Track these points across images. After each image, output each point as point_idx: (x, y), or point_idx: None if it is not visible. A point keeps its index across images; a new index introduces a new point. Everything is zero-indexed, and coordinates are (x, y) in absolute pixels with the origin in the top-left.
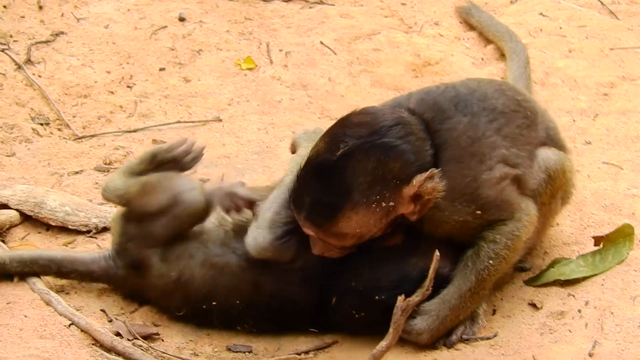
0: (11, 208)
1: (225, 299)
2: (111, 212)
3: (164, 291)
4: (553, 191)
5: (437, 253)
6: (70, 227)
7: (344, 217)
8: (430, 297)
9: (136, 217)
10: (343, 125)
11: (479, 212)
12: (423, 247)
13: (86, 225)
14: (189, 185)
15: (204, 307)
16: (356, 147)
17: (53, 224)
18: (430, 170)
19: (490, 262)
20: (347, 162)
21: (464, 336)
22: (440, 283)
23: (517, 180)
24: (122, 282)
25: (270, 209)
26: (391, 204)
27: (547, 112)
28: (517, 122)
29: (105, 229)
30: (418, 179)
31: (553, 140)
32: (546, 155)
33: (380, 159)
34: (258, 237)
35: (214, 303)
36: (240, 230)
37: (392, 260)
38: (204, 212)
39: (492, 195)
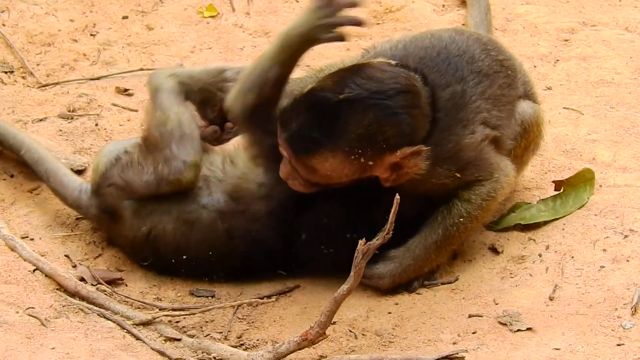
0: None
1: (196, 252)
2: (81, 160)
3: (133, 242)
4: (527, 144)
5: (397, 197)
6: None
7: (321, 156)
8: (396, 245)
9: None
10: (357, 73)
11: (458, 174)
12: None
13: None
14: (185, 155)
15: (173, 260)
16: (360, 98)
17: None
18: (418, 147)
19: (461, 219)
20: (345, 108)
21: (426, 282)
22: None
23: (496, 140)
24: (93, 219)
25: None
26: (370, 163)
27: (523, 67)
28: (499, 82)
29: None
30: (404, 151)
31: (528, 95)
32: (522, 108)
33: (378, 119)
34: (235, 98)
35: (184, 257)
36: (211, 186)
37: (366, 201)
38: (188, 187)
39: (472, 156)
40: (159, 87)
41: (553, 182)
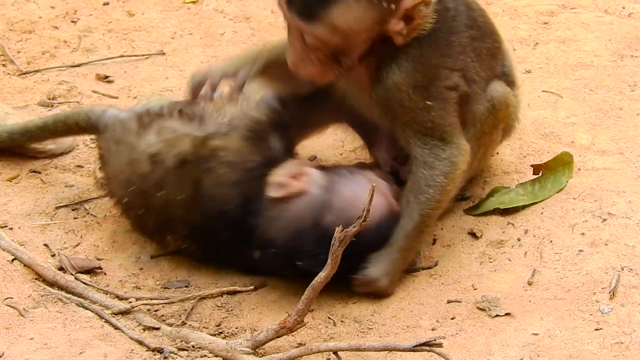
0: None
1: (165, 196)
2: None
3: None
4: (495, 122)
5: (372, 185)
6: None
7: (338, 7)
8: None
9: None
10: None
11: (428, 102)
12: None
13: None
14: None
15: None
16: None
17: (17, 150)
18: None
19: (431, 191)
20: None
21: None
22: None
23: (465, 98)
24: None
25: None
26: (391, 6)
27: (507, 50)
28: (487, 44)
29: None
30: None
31: (506, 75)
32: (493, 86)
33: None
34: None
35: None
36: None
37: (314, 229)
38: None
39: (441, 97)
40: None
41: (532, 166)
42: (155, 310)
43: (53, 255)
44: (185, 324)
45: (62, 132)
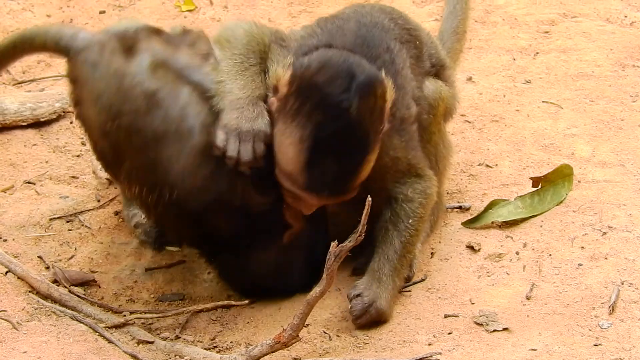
0: None
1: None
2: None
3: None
4: (436, 120)
5: (369, 198)
6: (41, 119)
7: (365, 166)
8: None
9: None
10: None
11: (405, 144)
12: None
13: (54, 112)
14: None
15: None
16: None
17: (24, 124)
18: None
19: (410, 221)
20: (355, 117)
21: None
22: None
23: (419, 118)
24: None
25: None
26: (381, 127)
27: (431, 35)
28: (410, 52)
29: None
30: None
31: (435, 64)
32: (424, 87)
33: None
34: None
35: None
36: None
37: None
38: None
39: (412, 131)
40: None
41: (531, 178)
42: (150, 324)
43: (47, 268)
44: (180, 337)
45: (28, 51)
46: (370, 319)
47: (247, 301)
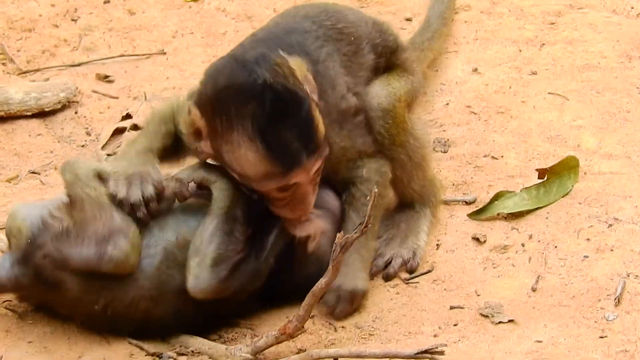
0: None
1: (162, 321)
2: (72, 85)
3: (84, 315)
4: (397, 120)
5: (375, 189)
6: (46, 109)
7: (318, 126)
8: None
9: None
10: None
11: (347, 132)
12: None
13: (59, 102)
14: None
15: (133, 328)
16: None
17: (29, 113)
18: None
19: (367, 199)
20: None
21: (404, 275)
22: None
23: (358, 111)
24: (22, 290)
25: (210, 243)
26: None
27: (377, 25)
28: (342, 50)
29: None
30: None
31: (383, 53)
32: (374, 91)
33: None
34: (200, 278)
35: (147, 326)
36: (171, 258)
37: None
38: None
39: (355, 122)
40: (77, 174)
41: (537, 170)
42: None
43: None
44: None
45: None
46: (346, 305)
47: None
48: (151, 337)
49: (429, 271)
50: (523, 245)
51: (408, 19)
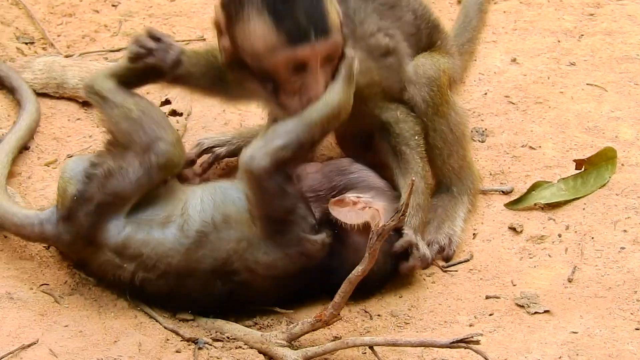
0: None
1: (189, 298)
2: None
3: (114, 276)
4: (442, 90)
5: (413, 178)
6: None
7: (332, 14)
8: None
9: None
10: None
11: (374, 64)
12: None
13: None
14: (164, 134)
15: (161, 299)
16: None
17: (80, 100)
18: None
19: (416, 138)
20: None
21: (442, 263)
22: None
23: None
24: (65, 246)
25: (281, 137)
26: None
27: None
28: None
29: None
30: None
31: (425, 20)
32: (420, 62)
33: None
34: (256, 157)
35: (173, 300)
36: (203, 240)
37: None
38: (179, 167)
39: (385, 61)
40: (100, 92)
41: (574, 160)
42: None
43: None
44: (220, 315)
45: None
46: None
47: (291, 311)
48: (181, 312)
49: (467, 260)
50: (560, 235)
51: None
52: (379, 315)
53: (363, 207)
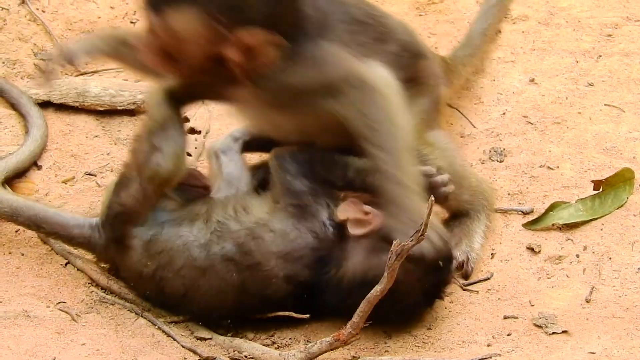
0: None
1: (205, 300)
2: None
3: (139, 277)
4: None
5: (432, 197)
6: (119, 108)
7: (182, 12)
8: None
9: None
10: None
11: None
12: None
13: (134, 103)
14: (164, 146)
15: (179, 305)
16: None
17: (101, 109)
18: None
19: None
20: None
21: (462, 281)
22: None
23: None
24: (102, 251)
25: None
26: (225, 34)
27: (408, 29)
28: (368, 32)
29: None
30: (264, 34)
31: (408, 50)
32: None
33: None
34: None
35: (190, 303)
36: (223, 234)
37: None
38: (170, 180)
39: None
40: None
41: (592, 181)
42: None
43: None
44: (239, 333)
45: None
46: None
47: (307, 315)
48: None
49: (488, 278)
50: (577, 256)
51: None
52: (397, 335)
53: (367, 213)
